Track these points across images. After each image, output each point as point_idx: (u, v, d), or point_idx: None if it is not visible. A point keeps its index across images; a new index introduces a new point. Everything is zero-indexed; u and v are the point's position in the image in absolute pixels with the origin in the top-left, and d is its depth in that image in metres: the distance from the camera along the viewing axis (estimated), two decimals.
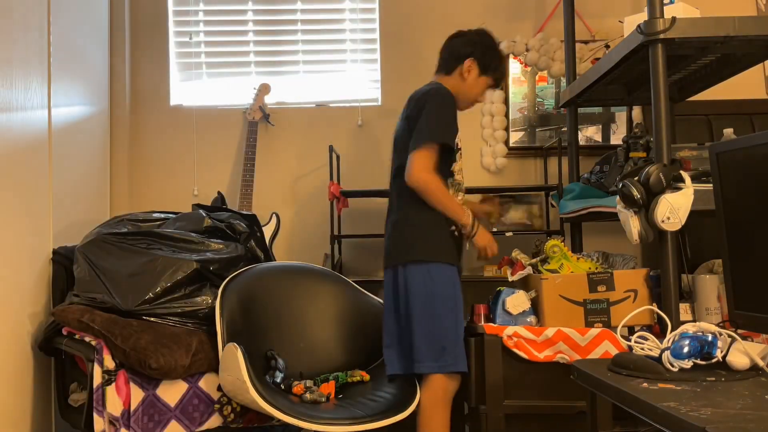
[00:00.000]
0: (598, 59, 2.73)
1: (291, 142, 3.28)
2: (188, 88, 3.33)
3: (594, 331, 2.04)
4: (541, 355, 2.06)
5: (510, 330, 2.07)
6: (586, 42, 3.22)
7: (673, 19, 1.95)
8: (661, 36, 1.96)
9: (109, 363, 1.97)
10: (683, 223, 1.89)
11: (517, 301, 2.15)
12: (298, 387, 2.08)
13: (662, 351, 1.39)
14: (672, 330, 1.50)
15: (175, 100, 3.32)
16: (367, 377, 2.22)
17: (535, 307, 2.17)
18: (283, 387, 2.09)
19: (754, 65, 2.31)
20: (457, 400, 2.16)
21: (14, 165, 2.19)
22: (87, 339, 2.04)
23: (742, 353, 1.35)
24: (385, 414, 1.96)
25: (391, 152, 2.28)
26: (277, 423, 2.11)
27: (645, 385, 1.29)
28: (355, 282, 2.51)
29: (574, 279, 2.12)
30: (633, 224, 1.94)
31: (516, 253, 2.35)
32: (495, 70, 2.24)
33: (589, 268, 2.19)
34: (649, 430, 1.24)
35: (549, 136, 3.23)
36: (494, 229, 3.20)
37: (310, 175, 3.28)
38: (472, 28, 2.30)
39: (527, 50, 3.23)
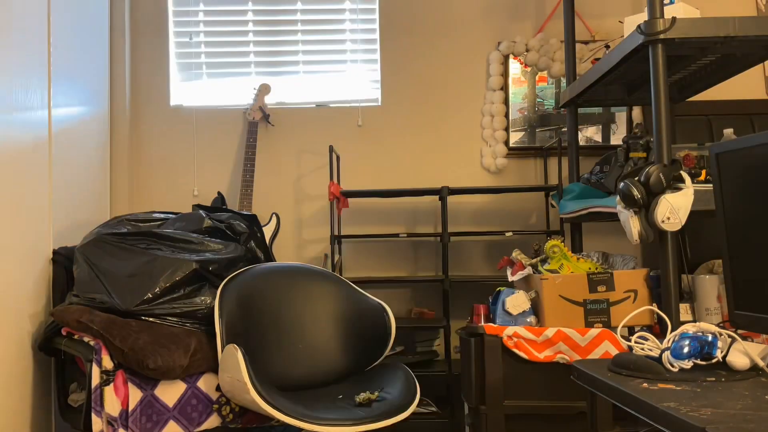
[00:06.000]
0: (598, 59, 2.73)
1: (291, 143, 3.28)
2: (188, 89, 3.33)
3: (594, 332, 2.04)
4: (541, 356, 2.05)
5: (510, 330, 2.07)
6: (586, 42, 3.22)
7: (673, 19, 1.95)
8: (661, 36, 1.96)
9: (108, 363, 1.97)
10: (683, 223, 1.89)
11: (517, 302, 2.15)
12: None
13: (662, 351, 1.39)
14: (672, 330, 1.50)
15: (175, 100, 3.32)
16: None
17: (535, 308, 2.17)
18: None
19: (754, 65, 2.31)
20: (457, 400, 2.16)
21: (14, 165, 2.19)
22: (86, 339, 2.04)
23: (742, 353, 1.34)
24: (385, 414, 1.96)
25: None
26: (277, 423, 2.11)
27: (645, 385, 1.28)
28: (354, 283, 2.51)
29: (574, 279, 2.12)
30: (633, 224, 1.94)
31: (516, 253, 2.35)
32: None
33: (589, 269, 2.19)
34: (649, 431, 1.24)
35: (549, 137, 3.23)
36: (495, 229, 3.21)
37: (310, 175, 3.28)
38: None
39: (527, 50, 3.23)
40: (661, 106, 1.98)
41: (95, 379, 1.96)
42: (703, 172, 2.13)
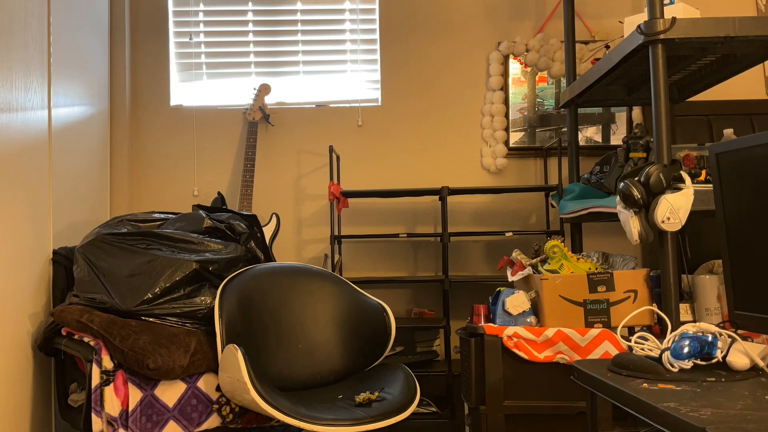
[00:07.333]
0: (598, 59, 2.73)
1: (291, 143, 3.29)
2: (188, 89, 3.33)
3: (594, 332, 2.04)
4: (541, 356, 2.05)
5: (510, 330, 2.07)
6: (586, 42, 3.22)
7: (673, 19, 1.95)
8: (662, 36, 1.96)
9: (108, 363, 1.97)
10: (683, 223, 1.89)
11: (517, 302, 2.15)
12: None
13: (662, 351, 1.39)
14: (672, 330, 1.50)
15: (175, 100, 3.32)
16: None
17: (535, 308, 2.17)
18: None
19: (754, 65, 2.31)
20: (457, 400, 2.16)
21: (14, 165, 2.19)
22: (86, 339, 2.04)
23: (742, 354, 1.34)
24: (386, 415, 1.96)
25: None
26: (276, 423, 2.11)
27: (645, 385, 1.28)
28: (354, 283, 2.51)
29: (574, 279, 2.12)
30: (633, 224, 1.94)
31: (516, 254, 2.35)
32: None
33: (589, 269, 2.19)
34: (649, 431, 1.24)
35: (549, 137, 3.23)
36: (495, 229, 3.21)
37: (310, 176, 3.28)
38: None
39: (527, 50, 3.23)
40: (661, 106, 1.98)
41: (95, 379, 1.96)
42: (703, 172, 2.13)
